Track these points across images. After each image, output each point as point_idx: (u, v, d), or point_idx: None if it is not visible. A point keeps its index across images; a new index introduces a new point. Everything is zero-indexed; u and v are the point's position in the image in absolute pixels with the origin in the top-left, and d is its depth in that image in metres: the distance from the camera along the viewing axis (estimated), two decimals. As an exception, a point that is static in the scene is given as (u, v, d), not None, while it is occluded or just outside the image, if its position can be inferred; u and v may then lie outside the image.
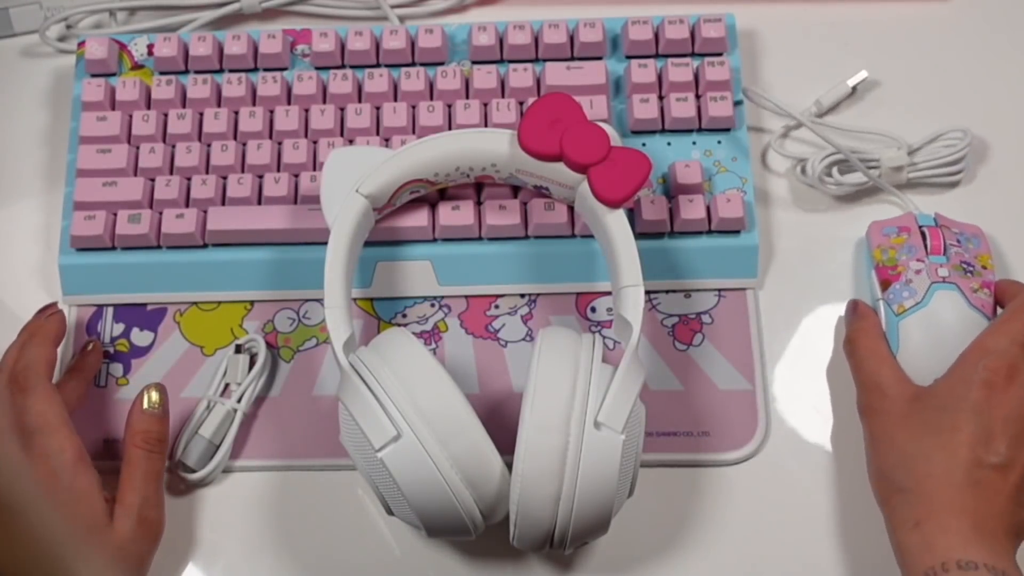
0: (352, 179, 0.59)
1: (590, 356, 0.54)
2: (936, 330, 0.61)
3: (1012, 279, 0.63)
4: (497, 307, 0.66)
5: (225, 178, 0.66)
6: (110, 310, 0.67)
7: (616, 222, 0.58)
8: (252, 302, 0.66)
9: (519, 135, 0.59)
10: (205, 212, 0.66)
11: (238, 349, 0.64)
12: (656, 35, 0.69)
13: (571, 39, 0.69)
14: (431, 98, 0.68)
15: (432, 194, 0.65)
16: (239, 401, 0.63)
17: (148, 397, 0.60)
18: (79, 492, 0.56)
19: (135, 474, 0.58)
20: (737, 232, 0.65)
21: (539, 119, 0.59)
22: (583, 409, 0.52)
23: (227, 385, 0.64)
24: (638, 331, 0.56)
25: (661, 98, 0.68)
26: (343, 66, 0.70)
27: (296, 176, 0.66)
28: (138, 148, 0.67)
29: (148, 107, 0.69)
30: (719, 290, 0.66)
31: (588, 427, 0.52)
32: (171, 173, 0.67)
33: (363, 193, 0.59)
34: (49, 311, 0.63)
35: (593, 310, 0.66)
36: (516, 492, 0.52)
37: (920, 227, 0.64)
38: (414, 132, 0.67)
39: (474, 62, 0.69)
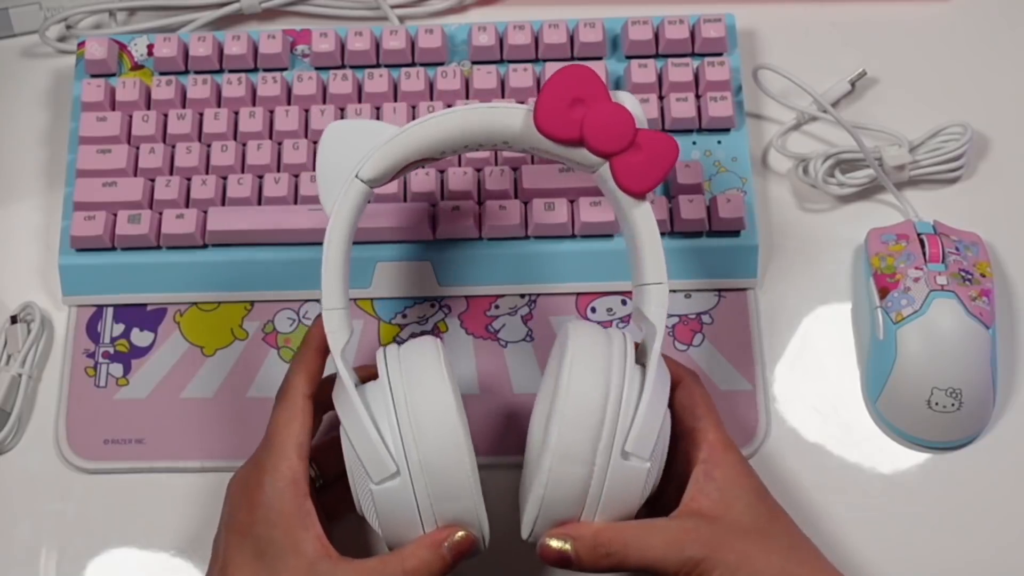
0: (351, 158, 0.54)
1: (622, 369, 0.51)
2: (934, 338, 0.61)
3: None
4: (497, 307, 0.66)
5: (225, 178, 0.66)
6: (110, 310, 0.67)
7: (640, 214, 0.54)
8: (252, 302, 0.66)
9: (535, 116, 0.53)
10: (205, 212, 0.66)
11: (14, 320, 0.65)
12: (656, 35, 0.69)
13: (571, 39, 0.69)
14: (431, 98, 0.68)
15: (432, 194, 0.65)
16: (22, 366, 0.64)
17: None
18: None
19: None
20: (737, 232, 0.65)
21: (558, 97, 0.53)
22: (611, 437, 0.50)
23: (9, 357, 0.65)
24: (662, 333, 0.52)
25: (661, 98, 0.68)
26: (343, 66, 0.70)
27: (296, 176, 0.66)
28: (138, 148, 0.67)
29: (148, 107, 0.69)
30: (719, 290, 0.66)
31: (615, 457, 0.50)
32: (171, 173, 0.67)
33: (363, 178, 0.54)
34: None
35: (593, 310, 0.66)
36: (532, 514, 0.51)
37: (919, 235, 0.64)
38: (414, 132, 0.67)
39: (474, 62, 0.69)
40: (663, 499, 0.54)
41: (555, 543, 0.51)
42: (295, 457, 0.53)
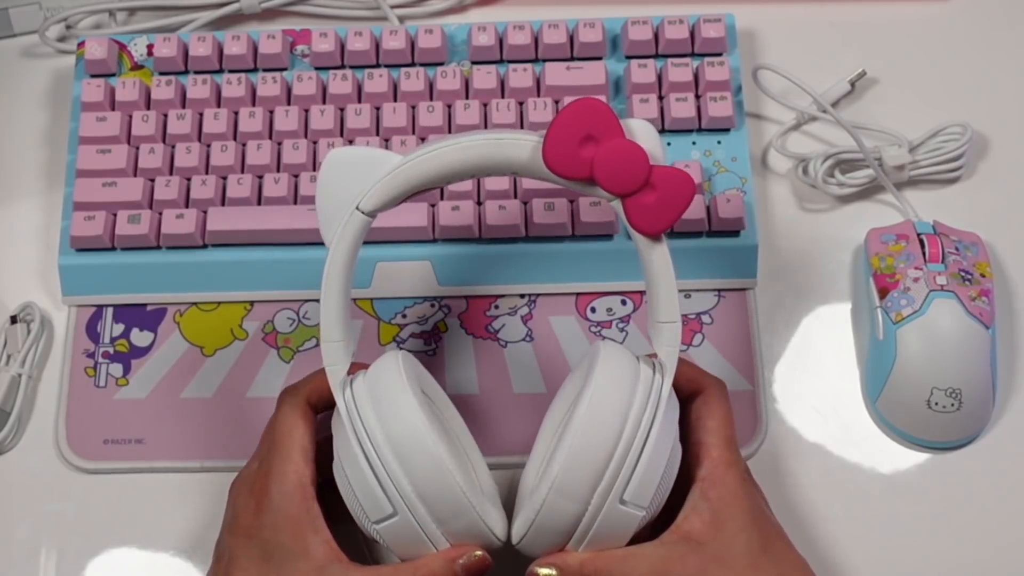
0: (351, 189, 0.53)
1: (640, 416, 0.50)
2: (934, 338, 0.61)
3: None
4: (497, 307, 0.66)
5: (225, 178, 0.66)
6: (110, 310, 0.67)
7: (655, 255, 0.52)
8: (252, 302, 0.66)
9: (544, 152, 0.51)
10: (205, 212, 0.66)
11: (13, 320, 0.66)
12: (656, 35, 0.69)
13: (571, 39, 0.69)
14: (431, 98, 0.68)
15: (432, 194, 0.65)
16: (22, 366, 0.64)
17: None
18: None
19: None
20: (737, 232, 0.65)
21: (568, 134, 0.50)
22: (612, 482, 0.49)
23: (9, 357, 0.65)
24: (672, 372, 0.52)
25: (661, 98, 0.68)
26: (343, 66, 0.70)
27: (296, 176, 0.66)
28: (138, 148, 0.67)
29: (148, 107, 0.69)
30: (719, 290, 0.66)
31: (611, 502, 0.50)
32: (171, 173, 0.67)
33: (364, 210, 0.53)
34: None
35: (593, 310, 0.66)
36: (521, 530, 0.51)
37: (919, 235, 0.64)
38: (414, 132, 0.67)
39: (474, 62, 0.69)
40: (666, 509, 0.53)
41: (543, 571, 0.51)
42: (301, 461, 0.53)
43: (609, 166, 0.51)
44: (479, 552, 0.51)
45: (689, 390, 0.55)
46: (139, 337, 0.66)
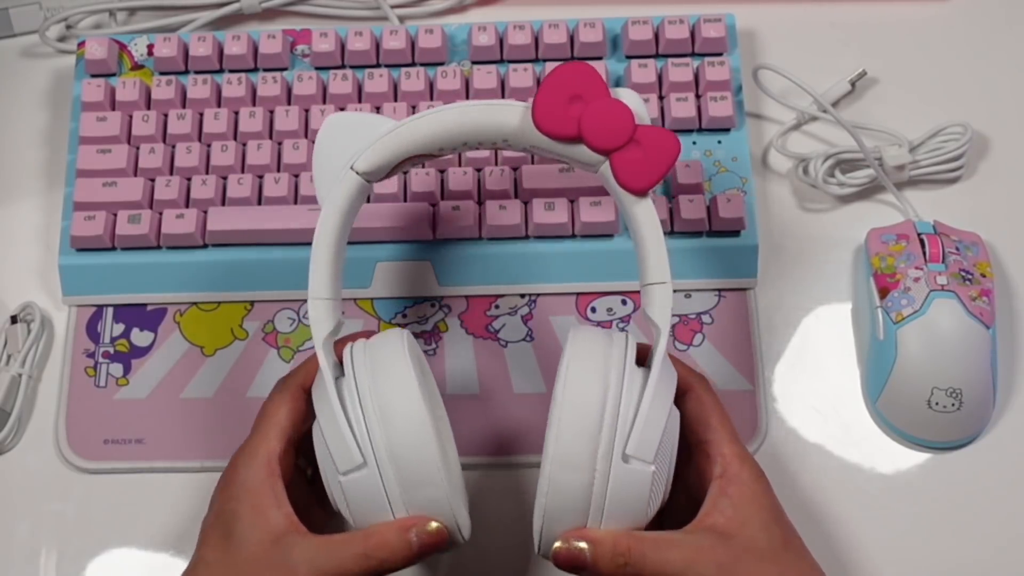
0: (347, 151, 0.54)
1: (621, 370, 0.50)
2: (934, 338, 0.61)
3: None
4: (497, 307, 0.66)
5: (225, 178, 0.66)
6: (110, 310, 0.67)
7: (642, 212, 0.53)
8: (252, 302, 0.67)
9: (533, 112, 0.53)
10: (205, 212, 0.66)
11: (14, 320, 0.66)
12: (656, 35, 0.69)
13: (571, 39, 0.69)
14: (431, 98, 0.68)
15: (432, 194, 0.65)
16: (22, 366, 0.64)
17: None
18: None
19: None
20: (737, 232, 0.65)
21: (556, 94, 0.52)
22: (611, 441, 0.49)
23: (9, 357, 0.65)
24: (666, 334, 0.51)
25: (661, 98, 0.68)
26: (343, 66, 0.70)
27: (296, 176, 0.66)
28: (138, 148, 0.67)
29: (148, 107, 0.69)
30: (719, 290, 0.66)
31: (616, 461, 0.49)
32: (171, 173, 0.67)
33: (358, 170, 0.53)
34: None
35: (593, 310, 0.66)
36: (539, 524, 0.50)
37: (919, 235, 0.64)
38: (414, 132, 0.67)
39: (474, 62, 0.69)
40: (675, 512, 0.53)
41: (572, 544, 0.50)
42: (275, 440, 0.53)
43: (595, 122, 0.52)
44: (435, 524, 0.50)
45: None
46: (139, 337, 0.66)
